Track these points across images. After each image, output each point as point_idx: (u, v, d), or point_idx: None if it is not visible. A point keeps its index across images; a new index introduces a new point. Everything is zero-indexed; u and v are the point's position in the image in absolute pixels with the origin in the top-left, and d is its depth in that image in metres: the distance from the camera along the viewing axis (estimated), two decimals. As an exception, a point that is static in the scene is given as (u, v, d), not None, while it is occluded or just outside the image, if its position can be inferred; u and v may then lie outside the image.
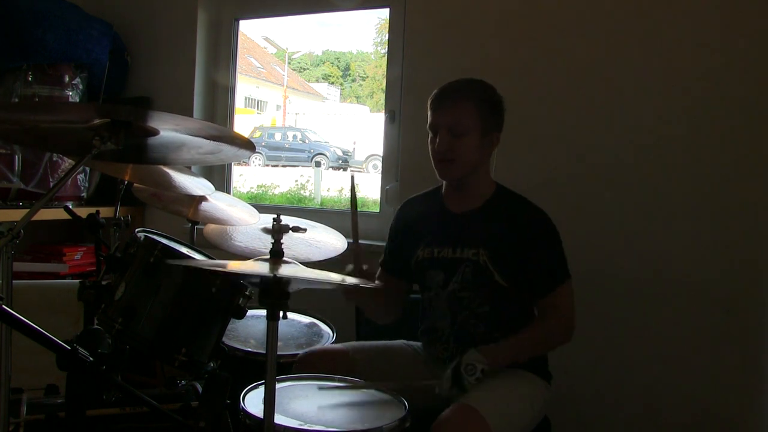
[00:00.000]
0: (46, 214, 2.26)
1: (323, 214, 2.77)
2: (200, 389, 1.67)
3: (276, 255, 1.32)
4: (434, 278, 1.79)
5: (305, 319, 2.23)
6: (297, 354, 1.86)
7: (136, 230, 1.68)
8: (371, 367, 1.77)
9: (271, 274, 1.22)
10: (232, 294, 1.57)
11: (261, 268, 1.28)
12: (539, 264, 1.70)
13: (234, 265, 1.36)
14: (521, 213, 1.74)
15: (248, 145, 1.45)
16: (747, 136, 2.04)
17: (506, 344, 1.66)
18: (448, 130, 1.70)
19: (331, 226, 2.30)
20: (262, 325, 2.08)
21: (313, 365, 1.74)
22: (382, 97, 2.68)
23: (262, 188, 4.00)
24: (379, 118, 2.70)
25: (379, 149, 2.69)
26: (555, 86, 2.26)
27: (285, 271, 1.25)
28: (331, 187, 4.55)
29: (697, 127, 2.10)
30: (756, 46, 2.02)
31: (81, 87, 2.80)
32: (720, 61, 2.06)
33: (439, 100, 1.73)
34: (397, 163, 2.58)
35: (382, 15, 2.78)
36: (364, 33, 4.53)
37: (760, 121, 2.02)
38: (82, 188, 2.86)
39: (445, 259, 1.76)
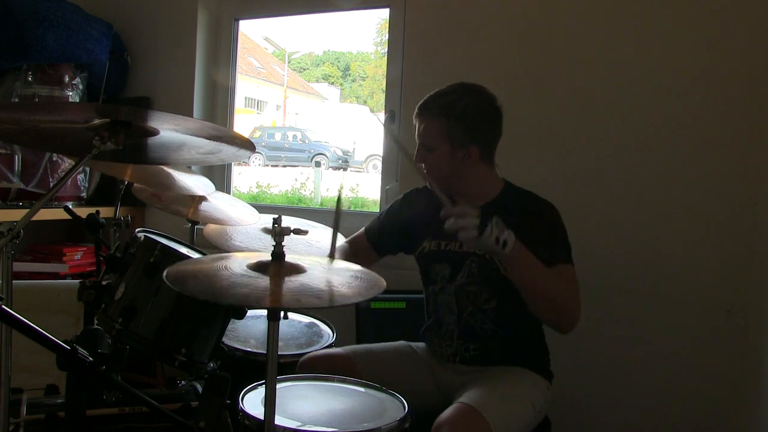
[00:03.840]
0: (46, 214, 2.25)
1: (323, 214, 2.76)
2: (200, 389, 1.66)
3: (277, 258, 1.32)
4: (440, 272, 1.79)
5: (305, 319, 2.23)
6: (297, 354, 1.86)
7: (136, 230, 1.68)
8: (372, 370, 1.77)
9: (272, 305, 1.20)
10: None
11: (263, 290, 1.25)
12: (539, 242, 1.61)
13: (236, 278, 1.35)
14: (528, 206, 1.73)
15: (248, 145, 1.45)
16: (747, 136, 2.04)
17: (535, 261, 1.57)
18: (421, 144, 1.76)
19: (331, 226, 2.29)
20: (262, 325, 2.08)
21: (314, 369, 1.74)
22: (382, 97, 2.67)
23: (261, 188, 4.01)
24: (379, 118, 2.70)
25: (379, 149, 2.69)
26: (554, 85, 2.26)
27: (289, 289, 1.24)
28: (331, 187, 4.55)
29: (697, 128, 2.10)
30: (753, 46, 2.02)
31: (81, 87, 2.80)
32: (720, 61, 2.07)
33: (416, 114, 1.77)
34: (397, 163, 2.58)
35: (382, 15, 2.78)
36: (364, 33, 4.54)
37: (760, 120, 2.02)
38: (82, 188, 2.86)
39: (452, 253, 1.77)
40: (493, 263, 1.70)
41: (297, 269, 1.31)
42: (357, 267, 1.43)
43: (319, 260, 1.45)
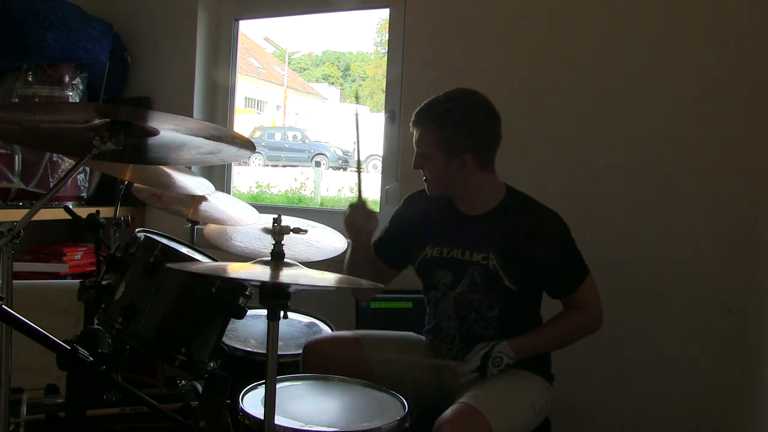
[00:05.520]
0: (46, 214, 2.26)
1: (323, 214, 2.77)
2: (200, 389, 1.66)
3: (277, 257, 1.32)
4: (442, 278, 1.77)
5: (305, 319, 2.23)
6: (297, 354, 1.86)
7: (136, 230, 1.68)
8: (380, 353, 1.76)
9: (272, 281, 1.21)
10: (232, 294, 1.57)
11: (262, 272, 1.27)
12: (557, 267, 1.70)
13: (235, 268, 1.35)
14: (532, 216, 1.73)
15: (248, 145, 1.45)
16: (747, 137, 2.04)
17: (535, 338, 1.70)
18: (418, 152, 1.76)
19: (331, 226, 2.29)
20: (262, 325, 2.08)
21: (321, 351, 1.75)
22: (382, 97, 2.67)
23: (261, 188, 4.01)
24: (379, 118, 2.70)
25: (379, 149, 2.69)
26: (555, 85, 2.26)
27: (286, 275, 1.25)
28: (331, 187, 4.55)
29: (697, 128, 2.10)
30: (754, 46, 2.02)
31: (81, 87, 2.80)
32: (720, 62, 2.07)
33: (412, 122, 1.76)
34: (397, 163, 2.58)
35: (382, 15, 2.78)
36: (364, 33, 4.54)
37: (760, 120, 2.02)
38: (82, 188, 2.86)
39: (454, 261, 1.75)
40: (498, 274, 1.69)
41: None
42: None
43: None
